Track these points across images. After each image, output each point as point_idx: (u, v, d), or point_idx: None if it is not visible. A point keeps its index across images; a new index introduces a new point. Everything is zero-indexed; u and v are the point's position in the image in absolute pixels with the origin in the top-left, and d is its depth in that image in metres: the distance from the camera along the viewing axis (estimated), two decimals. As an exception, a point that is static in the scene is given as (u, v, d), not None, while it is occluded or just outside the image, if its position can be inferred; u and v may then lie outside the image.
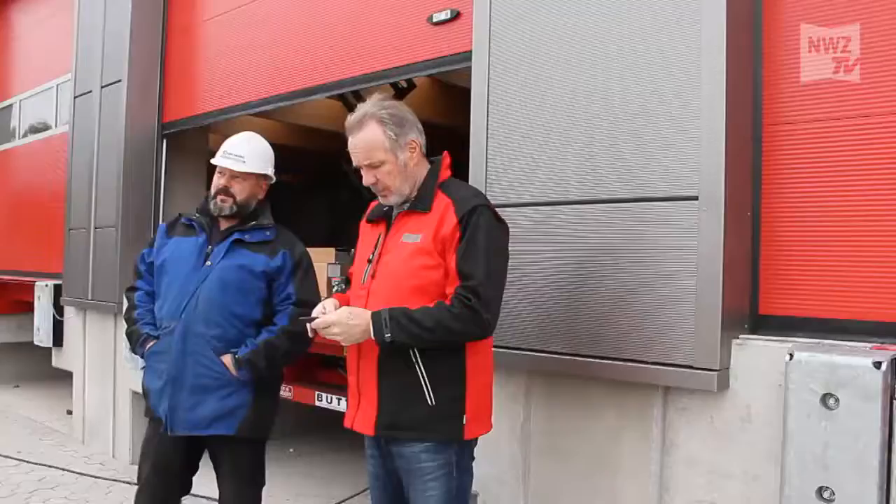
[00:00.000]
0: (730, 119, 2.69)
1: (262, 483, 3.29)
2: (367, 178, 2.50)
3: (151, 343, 3.18)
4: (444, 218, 2.40)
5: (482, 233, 2.37)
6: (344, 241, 5.48)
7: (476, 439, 2.56)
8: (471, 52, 3.54)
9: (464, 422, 2.44)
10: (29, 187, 8.60)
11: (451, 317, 2.31)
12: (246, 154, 3.17)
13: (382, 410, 2.45)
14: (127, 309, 3.36)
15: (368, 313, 2.36)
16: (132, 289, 3.36)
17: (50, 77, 8.13)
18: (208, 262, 3.11)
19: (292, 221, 3.45)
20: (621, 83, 2.96)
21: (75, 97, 6.81)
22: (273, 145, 7.52)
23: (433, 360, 2.40)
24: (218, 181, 3.17)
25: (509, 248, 2.58)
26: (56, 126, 8.02)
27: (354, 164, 2.52)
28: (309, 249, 5.01)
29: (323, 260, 4.71)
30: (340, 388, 4.84)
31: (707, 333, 2.68)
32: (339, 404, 4.71)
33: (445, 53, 3.89)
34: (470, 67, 3.54)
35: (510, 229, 2.59)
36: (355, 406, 2.54)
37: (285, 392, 5.00)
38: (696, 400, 2.78)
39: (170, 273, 3.17)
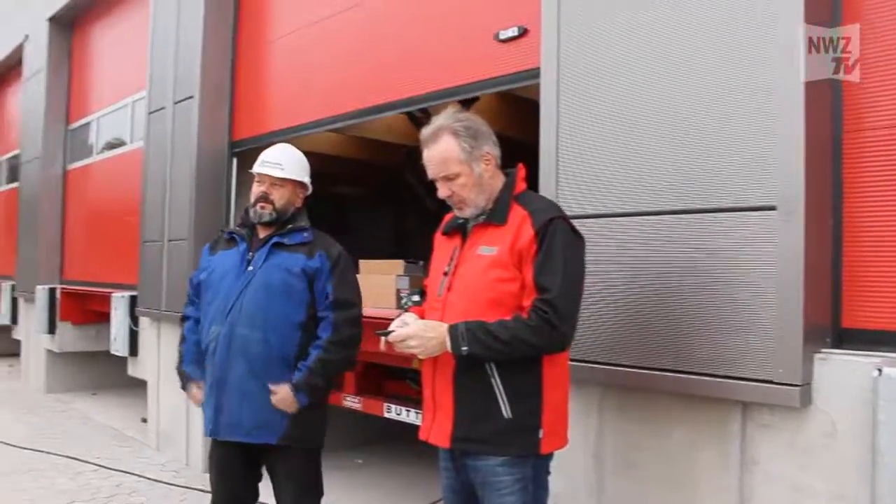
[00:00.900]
0: (809, 125, 2.61)
1: (321, 493, 3.32)
2: (443, 191, 2.51)
3: (194, 387, 3.31)
4: (521, 230, 2.39)
5: (559, 245, 2.36)
6: (409, 253, 5.51)
7: (552, 454, 2.54)
8: (539, 68, 3.52)
9: (540, 436, 2.42)
10: (105, 201, 8.88)
11: (528, 330, 2.30)
12: (284, 162, 3.28)
13: (458, 423, 2.45)
14: (179, 340, 3.48)
15: (445, 326, 2.36)
16: (184, 318, 3.47)
17: (126, 94, 8.40)
18: (250, 268, 3.20)
19: (358, 233, 3.49)
20: (695, 92, 2.91)
21: (149, 113, 7.02)
22: (339, 158, 7.58)
23: (509, 372, 2.38)
24: (258, 189, 3.27)
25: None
26: (131, 142, 8.27)
27: (429, 176, 2.53)
28: (377, 262, 5.09)
29: (391, 272, 4.74)
30: (409, 400, 4.86)
31: (788, 348, 2.60)
32: (407, 416, 4.72)
33: (513, 70, 3.88)
34: (537, 83, 3.52)
35: (582, 240, 2.56)
36: (430, 419, 2.55)
37: (354, 403, 5.05)
38: (777, 416, 2.70)
39: (214, 284, 3.26)
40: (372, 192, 9.86)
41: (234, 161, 6.29)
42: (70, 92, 10.05)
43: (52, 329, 9.11)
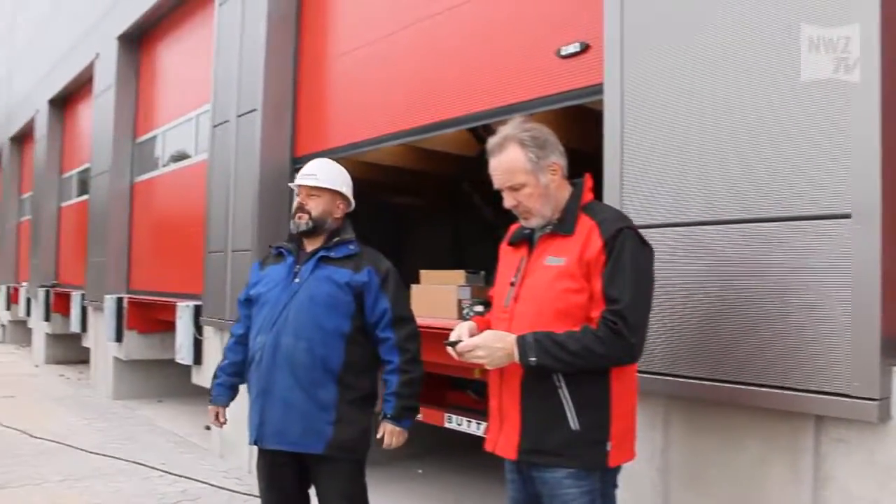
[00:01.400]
0: (885, 128, 2.53)
1: None
2: (508, 201, 2.50)
3: (213, 410, 3.53)
4: (589, 240, 2.37)
5: (628, 255, 2.33)
6: (466, 263, 5.51)
7: (620, 467, 2.50)
8: (601, 84, 3.48)
9: (608, 448, 2.39)
10: (170, 213, 9.11)
11: (597, 341, 2.27)
12: (318, 172, 3.36)
13: (525, 434, 2.43)
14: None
15: (513, 337, 2.35)
16: (231, 334, 3.56)
17: (190, 109, 8.61)
18: (296, 280, 3.25)
19: (414, 243, 3.50)
20: (764, 97, 2.84)
21: (214, 126, 7.18)
22: (395, 169, 7.60)
23: (577, 384, 2.36)
24: (296, 201, 3.35)
25: None
26: (195, 155, 8.46)
27: (495, 186, 2.52)
28: (438, 272, 5.10)
29: (452, 282, 4.74)
30: (469, 411, 4.85)
31: (864, 360, 2.51)
32: (468, 426, 4.71)
33: (575, 87, 3.85)
34: (599, 99, 3.49)
35: (648, 250, 2.52)
36: (497, 429, 2.53)
37: (414, 413, 5.04)
38: (853, 431, 2.60)
39: (262, 297, 3.32)
40: (428, 203, 9.91)
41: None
42: (137, 107, 10.35)
43: (119, 337, 9.37)
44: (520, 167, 2.45)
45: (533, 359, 2.30)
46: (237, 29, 6.84)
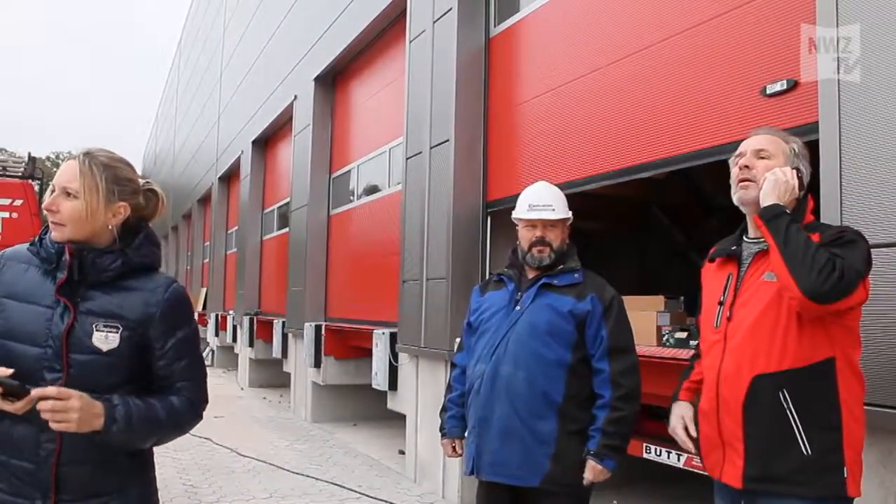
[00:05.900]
0: None
1: None
2: (747, 160, 2.42)
3: (448, 444, 3.37)
4: None
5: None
6: (652, 288, 5.30)
7: (853, 499, 2.27)
8: (815, 123, 3.28)
9: (845, 475, 2.19)
10: (365, 243, 9.47)
11: None
12: (553, 202, 3.24)
13: (750, 461, 2.28)
14: (447, 385, 3.53)
15: None
16: (454, 364, 3.50)
17: (382, 142, 8.95)
18: (517, 307, 3.16)
19: (597, 267, 3.37)
20: None
21: (407, 158, 7.40)
22: (577, 194, 7.50)
23: (805, 403, 2.21)
24: (531, 234, 3.22)
25: (875, 291, 2.34)
26: (388, 186, 8.77)
27: (740, 149, 2.46)
28: (635, 298, 4.93)
29: (651, 308, 4.58)
30: (668, 441, 4.64)
31: None
32: (668, 457, 4.51)
33: (783, 127, 3.62)
34: (810, 139, 3.27)
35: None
36: (718, 457, 2.39)
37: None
38: None
39: (483, 324, 3.26)
40: (610, 226, 9.69)
41: (489, 220, 6.42)
42: (332, 143, 10.91)
43: (317, 363, 9.79)
44: (780, 148, 2.42)
45: None
46: (428, 63, 7.04)
